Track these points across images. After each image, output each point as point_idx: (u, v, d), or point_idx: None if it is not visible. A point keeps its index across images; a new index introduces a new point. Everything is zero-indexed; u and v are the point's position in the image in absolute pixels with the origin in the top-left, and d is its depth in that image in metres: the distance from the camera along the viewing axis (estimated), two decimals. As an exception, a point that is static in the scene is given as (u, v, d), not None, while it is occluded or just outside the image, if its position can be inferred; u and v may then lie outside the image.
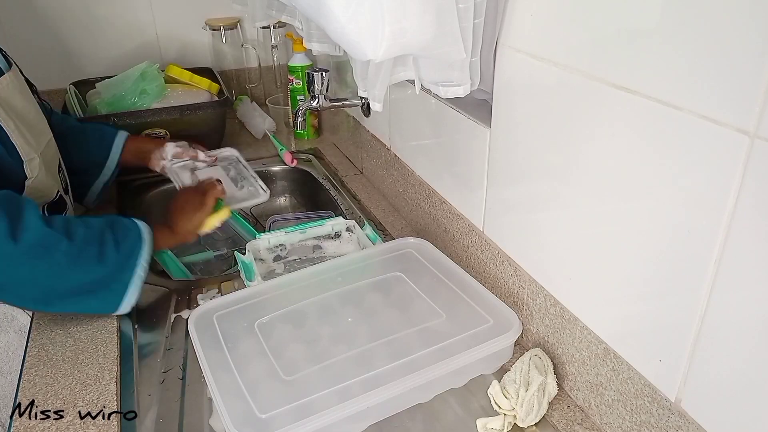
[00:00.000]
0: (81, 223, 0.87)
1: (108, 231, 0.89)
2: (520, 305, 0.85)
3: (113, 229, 0.90)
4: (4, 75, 0.95)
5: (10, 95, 0.95)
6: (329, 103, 1.24)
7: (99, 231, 0.88)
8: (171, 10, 1.69)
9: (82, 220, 0.88)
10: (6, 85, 0.95)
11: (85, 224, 0.87)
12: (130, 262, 0.89)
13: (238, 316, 0.84)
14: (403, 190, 1.21)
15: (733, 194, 0.51)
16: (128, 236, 0.91)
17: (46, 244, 0.82)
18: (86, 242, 0.85)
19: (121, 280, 0.88)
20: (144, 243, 0.91)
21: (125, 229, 0.91)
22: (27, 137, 0.94)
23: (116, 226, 0.91)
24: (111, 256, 0.87)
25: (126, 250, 0.89)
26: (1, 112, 0.90)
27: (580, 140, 0.67)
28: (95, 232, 0.87)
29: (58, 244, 0.82)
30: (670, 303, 0.60)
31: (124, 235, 0.90)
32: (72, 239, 0.84)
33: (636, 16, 0.57)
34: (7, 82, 0.95)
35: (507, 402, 0.74)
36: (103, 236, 0.88)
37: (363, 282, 0.90)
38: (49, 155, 1.02)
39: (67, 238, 0.83)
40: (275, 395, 0.70)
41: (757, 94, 0.47)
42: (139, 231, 0.92)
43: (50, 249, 0.82)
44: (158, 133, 1.39)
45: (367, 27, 0.63)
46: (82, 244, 0.85)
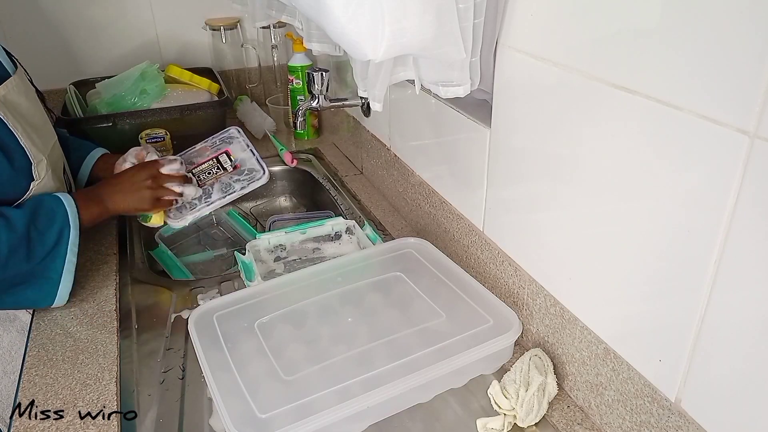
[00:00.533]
0: (5, 226, 0.85)
1: (32, 226, 0.88)
2: (520, 305, 0.85)
3: (36, 221, 0.88)
4: (11, 78, 0.96)
5: (17, 98, 0.95)
6: (329, 103, 1.24)
7: (24, 231, 0.86)
8: (171, 10, 1.69)
9: (6, 221, 0.86)
10: (12, 87, 0.95)
11: (9, 227, 0.86)
12: (59, 250, 0.89)
13: (238, 316, 0.84)
14: (403, 190, 1.21)
15: (733, 194, 0.51)
16: (53, 223, 0.90)
17: None
18: (12, 250, 0.85)
19: (53, 269, 0.89)
20: (70, 228, 0.90)
21: (50, 215, 0.90)
22: (34, 139, 0.95)
23: (39, 215, 0.89)
24: (38, 251, 0.87)
25: (52, 240, 0.88)
26: (9, 115, 0.90)
27: (580, 140, 0.67)
28: (20, 234, 0.86)
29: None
30: (670, 303, 0.60)
31: (48, 224, 0.89)
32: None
33: (636, 16, 0.57)
34: (14, 85, 0.96)
35: (507, 402, 0.74)
36: (28, 234, 0.87)
37: (363, 282, 0.90)
38: (55, 158, 1.03)
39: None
40: (275, 395, 0.70)
41: (757, 94, 0.47)
42: (65, 213, 0.91)
43: None
44: (158, 133, 1.39)
45: (367, 27, 0.63)
46: (8, 254, 0.85)
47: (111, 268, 1.05)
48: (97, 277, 1.03)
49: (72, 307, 0.95)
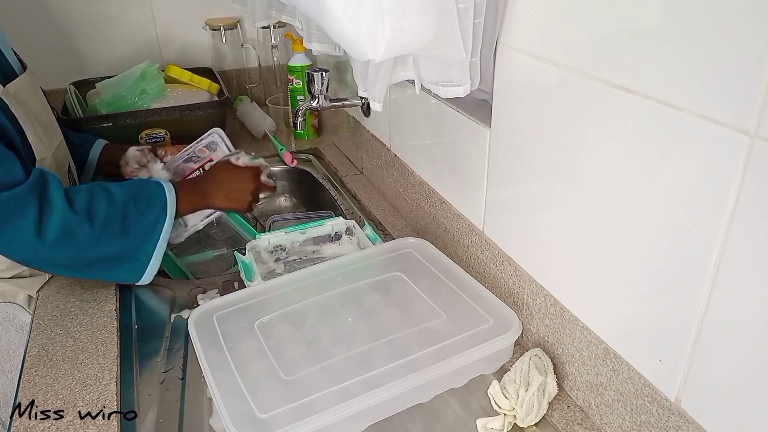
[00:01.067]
0: (105, 198, 0.91)
1: (131, 204, 0.92)
2: (520, 305, 0.85)
3: (137, 201, 0.93)
4: (19, 76, 0.97)
5: (26, 96, 0.97)
6: (329, 103, 1.24)
7: (122, 206, 0.91)
8: (171, 10, 1.69)
9: (107, 193, 0.91)
10: (22, 85, 0.97)
11: (109, 200, 0.91)
12: (153, 233, 0.94)
13: (238, 316, 0.84)
14: (403, 190, 1.21)
15: (733, 194, 0.51)
16: (152, 207, 0.94)
17: (69, 229, 0.86)
18: (108, 221, 0.89)
19: (144, 251, 0.94)
20: (167, 215, 0.95)
21: (150, 199, 0.95)
22: (41, 137, 0.96)
23: (140, 197, 0.94)
24: (134, 230, 0.92)
25: (149, 221, 0.94)
26: (20, 112, 0.92)
27: (580, 140, 0.67)
28: (118, 209, 0.91)
29: (80, 227, 0.87)
30: (670, 303, 0.60)
31: (148, 207, 0.94)
32: (93, 221, 0.88)
33: (636, 16, 0.57)
34: (23, 83, 0.97)
35: (507, 402, 0.74)
36: (126, 211, 0.91)
37: (363, 282, 0.90)
38: (60, 156, 1.04)
39: (89, 220, 0.88)
40: (275, 395, 0.70)
41: (757, 94, 0.47)
42: (165, 200, 0.96)
43: (73, 232, 0.87)
44: (158, 133, 1.39)
45: (367, 27, 0.63)
46: (103, 224, 0.89)
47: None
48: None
49: (72, 307, 0.96)
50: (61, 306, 0.96)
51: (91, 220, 0.88)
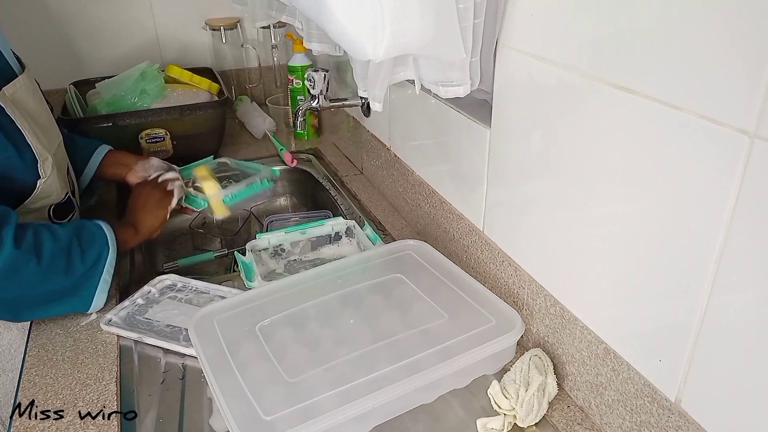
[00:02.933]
0: (49, 236, 0.88)
1: (75, 241, 0.91)
2: (520, 305, 0.85)
3: (79, 238, 0.92)
4: (18, 77, 0.97)
5: (24, 97, 0.97)
6: (329, 103, 1.24)
7: (66, 243, 0.90)
8: (171, 10, 1.69)
9: (51, 232, 0.89)
10: (20, 86, 0.97)
11: (54, 237, 0.89)
12: (96, 269, 0.92)
13: (239, 319, 0.83)
14: (403, 190, 1.21)
15: (733, 194, 0.51)
16: (94, 243, 0.93)
17: (16, 266, 0.84)
18: (54, 258, 0.87)
19: (87, 286, 0.92)
20: (109, 249, 0.94)
21: (91, 236, 0.94)
22: (40, 138, 0.96)
23: (82, 234, 0.93)
24: (77, 267, 0.90)
25: (92, 257, 0.92)
26: (17, 113, 0.92)
27: (580, 140, 0.68)
28: (62, 246, 0.89)
29: (28, 264, 0.84)
30: (670, 303, 0.60)
31: (89, 243, 0.93)
32: (40, 257, 0.86)
33: (636, 15, 0.57)
34: (21, 84, 0.97)
35: (507, 402, 0.74)
36: (70, 248, 0.90)
37: (363, 284, 0.90)
38: (60, 157, 1.04)
39: (36, 257, 0.85)
40: (279, 397, 0.70)
41: (757, 94, 0.47)
42: (105, 236, 0.95)
43: (20, 269, 0.84)
44: (158, 133, 1.39)
45: (367, 27, 0.63)
46: (49, 260, 0.87)
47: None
48: (97, 277, 1.03)
49: (72, 307, 0.95)
50: (96, 312, 0.96)
51: (38, 257, 0.86)
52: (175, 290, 1.00)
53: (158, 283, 1.01)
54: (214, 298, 0.98)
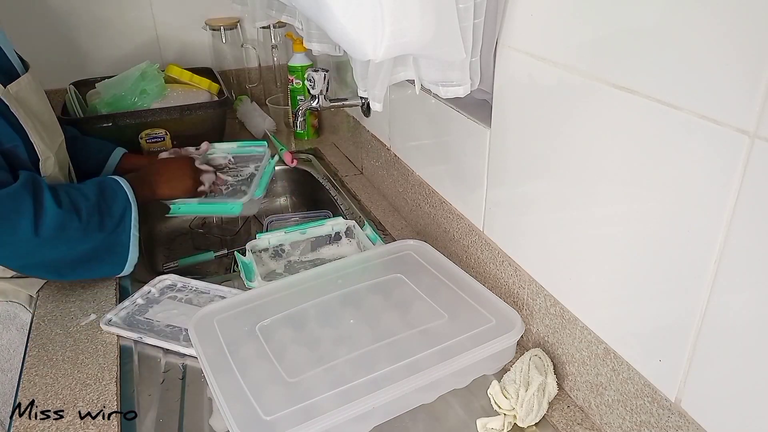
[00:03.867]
0: (80, 195, 0.93)
1: (102, 199, 0.95)
2: (520, 305, 0.85)
3: (104, 195, 0.96)
4: (21, 77, 0.98)
5: (28, 96, 0.98)
6: (329, 103, 1.24)
7: (96, 201, 0.94)
8: (171, 10, 1.69)
9: (79, 191, 0.94)
10: (24, 86, 0.97)
11: (84, 196, 0.93)
12: (124, 224, 0.97)
13: (239, 319, 0.83)
14: (403, 190, 1.21)
15: (733, 194, 0.51)
16: (117, 199, 0.98)
17: (62, 225, 0.89)
18: (90, 214, 0.92)
19: (120, 242, 0.96)
20: (131, 204, 0.99)
21: (113, 193, 0.98)
22: (43, 137, 0.97)
23: (106, 192, 0.97)
24: (108, 223, 0.95)
25: (118, 213, 0.97)
26: (21, 111, 0.93)
27: (580, 140, 0.68)
28: (93, 203, 0.94)
29: (72, 222, 0.90)
30: (670, 303, 0.60)
31: (113, 199, 0.97)
32: (80, 215, 0.91)
33: (636, 15, 0.57)
34: (25, 83, 0.98)
35: (507, 402, 0.74)
36: (99, 205, 0.94)
37: (363, 284, 0.90)
38: (61, 156, 1.05)
39: (77, 214, 0.90)
40: (279, 397, 0.70)
41: (757, 94, 0.47)
42: (125, 193, 0.99)
43: (66, 228, 0.89)
44: (158, 133, 1.39)
45: (367, 27, 0.63)
46: (87, 217, 0.92)
47: (111, 268, 1.06)
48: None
49: (72, 307, 0.96)
50: (61, 306, 0.96)
51: (78, 214, 0.90)
52: (175, 290, 1.00)
53: (158, 283, 1.01)
54: (214, 298, 0.98)
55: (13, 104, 0.91)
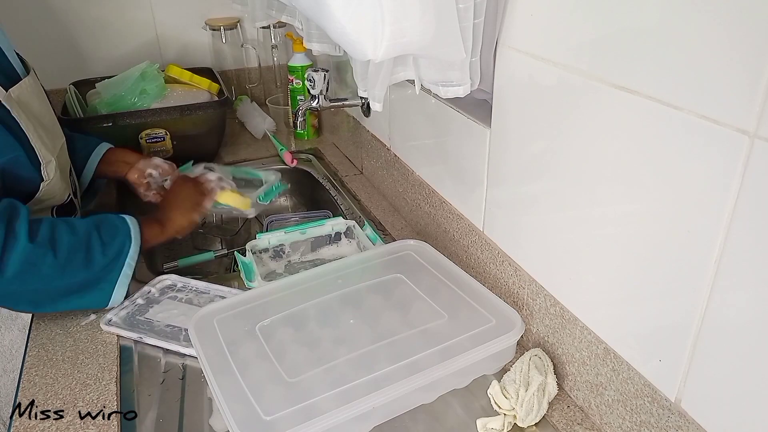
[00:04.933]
0: (67, 229, 0.89)
1: (95, 234, 0.91)
2: (520, 305, 0.85)
3: (100, 231, 0.92)
4: (23, 80, 0.97)
5: (29, 99, 0.97)
6: (329, 103, 1.24)
7: (85, 236, 0.90)
8: (171, 10, 1.69)
9: (69, 225, 0.90)
10: (25, 89, 0.96)
11: (72, 231, 0.89)
12: (117, 262, 0.92)
13: (239, 319, 0.83)
14: (403, 190, 1.21)
15: (733, 194, 0.51)
16: (116, 236, 0.93)
17: (32, 260, 0.84)
18: (72, 251, 0.87)
19: (108, 279, 0.92)
20: (132, 241, 0.94)
21: (113, 229, 0.93)
22: (44, 140, 0.96)
23: (103, 227, 0.93)
24: (97, 260, 0.90)
25: (113, 251, 0.92)
26: (22, 116, 0.92)
27: (580, 140, 0.68)
28: (80, 239, 0.89)
29: (44, 258, 0.85)
30: (670, 303, 0.60)
31: (111, 236, 0.92)
32: (57, 251, 0.86)
33: (636, 15, 0.57)
34: (26, 86, 0.97)
35: (507, 402, 0.74)
36: (89, 241, 0.90)
37: (363, 284, 0.90)
38: (63, 159, 1.04)
39: (53, 250, 0.85)
40: (279, 397, 0.70)
41: (757, 94, 0.47)
42: (128, 229, 0.94)
43: (36, 263, 0.84)
44: (158, 133, 1.39)
45: (367, 27, 0.63)
46: (67, 254, 0.87)
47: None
48: (97, 277, 1.03)
49: (72, 307, 0.96)
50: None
51: (55, 250, 0.86)
52: (175, 290, 1.00)
53: (158, 283, 1.01)
54: (214, 298, 0.98)
55: (15, 109, 0.90)
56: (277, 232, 1.10)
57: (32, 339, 0.89)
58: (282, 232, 1.10)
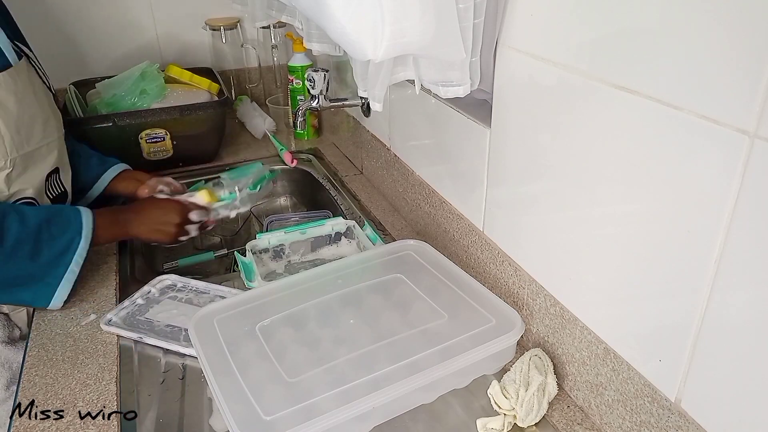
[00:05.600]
0: (17, 219, 0.88)
1: (45, 227, 0.90)
2: (520, 305, 0.85)
3: (50, 224, 0.91)
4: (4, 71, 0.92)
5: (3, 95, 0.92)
6: (329, 103, 1.24)
7: (35, 229, 0.89)
8: (171, 10, 1.69)
9: (20, 215, 0.89)
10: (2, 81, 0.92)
11: (21, 221, 0.88)
12: (64, 258, 0.91)
13: (239, 319, 0.83)
14: (403, 190, 1.21)
15: (733, 194, 0.51)
16: (66, 231, 0.92)
17: None
18: (19, 242, 0.87)
19: (53, 275, 0.91)
20: (81, 238, 0.93)
21: (65, 223, 0.92)
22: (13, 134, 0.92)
23: (55, 221, 0.92)
24: (44, 254, 0.89)
25: (61, 246, 0.91)
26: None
27: (579, 140, 0.68)
28: (30, 231, 0.88)
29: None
30: (670, 303, 0.60)
31: (61, 230, 0.92)
32: (4, 240, 0.86)
33: (636, 15, 0.57)
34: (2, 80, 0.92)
35: (507, 402, 0.74)
36: (38, 233, 0.89)
37: (363, 284, 0.90)
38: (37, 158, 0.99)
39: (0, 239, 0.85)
40: (279, 397, 0.70)
41: (757, 94, 0.47)
42: (80, 224, 0.93)
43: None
44: (158, 133, 1.39)
45: (367, 27, 0.63)
46: (14, 244, 0.87)
47: (111, 268, 1.06)
48: (97, 277, 1.03)
49: (72, 307, 0.96)
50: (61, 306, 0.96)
51: (1, 239, 0.85)
52: (175, 290, 1.00)
53: (158, 283, 1.01)
54: (214, 298, 0.98)
55: None
56: (277, 232, 1.10)
57: (32, 339, 0.89)
58: (282, 232, 1.10)
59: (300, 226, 1.11)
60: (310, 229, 1.11)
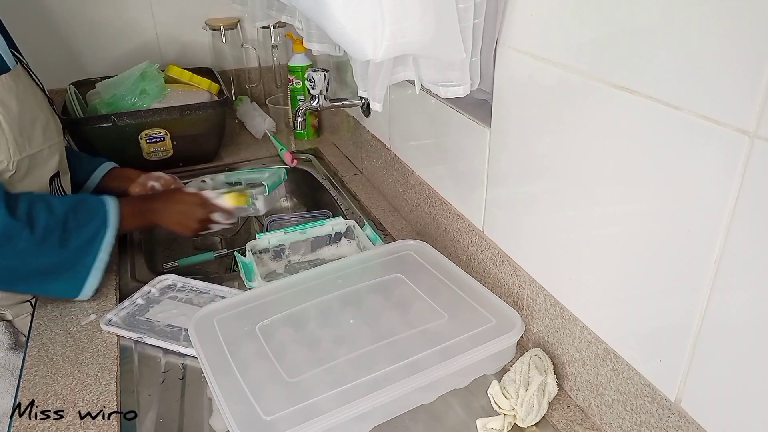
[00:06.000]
0: (45, 207, 0.89)
1: (72, 215, 0.91)
2: (520, 305, 0.85)
3: (77, 213, 0.91)
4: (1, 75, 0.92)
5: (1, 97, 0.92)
6: (329, 103, 1.24)
7: (62, 216, 0.90)
8: (171, 10, 1.69)
9: (47, 203, 0.89)
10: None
11: (49, 209, 0.89)
12: (92, 246, 0.92)
13: (239, 319, 0.83)
14: (403, 190, 1.21)
15: (733, 194, 0.51)
16: (93, 219, 0.93)
17: (8, 234, 0.84)
18: (48, 229, 0.88)
19: (83, 264, 0.91)
20: (108, 227, 0.93)
21: (91, 212, 0.93)
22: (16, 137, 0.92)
23: (81, 209, 0.92)
24: (73, 242, 0.90)
25: (88, 234, 0.92)
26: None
27: (579, 140, 0.68)
28: (58, 219, 0.89)
29: (21, 233, 0.85)
30: (670, 303, 0.60)
31: (88, 219, 0.92)
32: (34, 228, 0.86)
33: (636, 15, 0.57)
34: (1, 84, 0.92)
35: (507, 402, 0.74)
36: (66, 222, 0.90)
37: (363, 284, 0.90)
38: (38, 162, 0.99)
39: (30, 226, 0.86)
40: (279, 397, 0.70)
41: (757, 94, 0.47)
42: (106, 213, 0.94)
43: (13, 238, 0.85)
44: (158, 133, 1.39)
45: (367, 27, 0.63)
46: (43, 232, 0.87)
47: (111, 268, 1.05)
48: (97, 277, 1.03)
49: (72, 307, 0.96)
50: (61, 306, 0.96)
51: (32, 227, 0.85)
52: (175, 290, 1.00)
53: (158, 283, 1.01)
54: (214, 298, 0.98)
55: None
56: (277, 232, 1.10)
57: (32, 339, 0.89)
58: (282, 232, 1.10)
59: (300, 226, 1.11)
60: (310, 229, 1.11)
